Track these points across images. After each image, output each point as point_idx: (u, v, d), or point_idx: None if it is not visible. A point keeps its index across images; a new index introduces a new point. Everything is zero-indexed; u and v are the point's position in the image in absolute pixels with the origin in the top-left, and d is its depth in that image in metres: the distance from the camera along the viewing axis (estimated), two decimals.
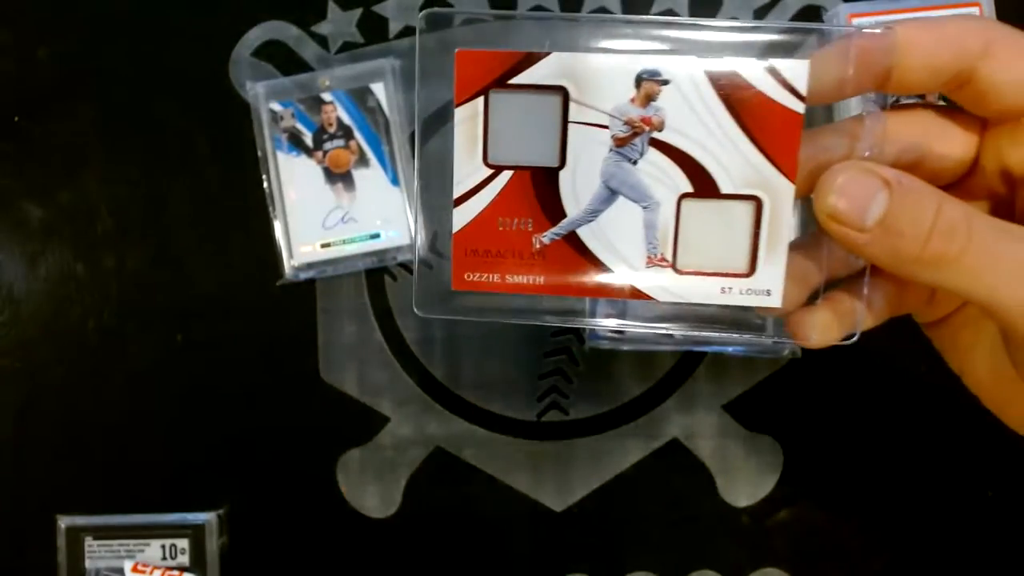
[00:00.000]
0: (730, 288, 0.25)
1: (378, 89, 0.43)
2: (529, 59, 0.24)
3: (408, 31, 0.44)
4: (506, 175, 0.25)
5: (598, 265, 0.25)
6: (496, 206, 0.25)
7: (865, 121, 0.23)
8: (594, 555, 0.43)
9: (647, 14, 0.44)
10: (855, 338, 0.25)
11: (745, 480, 0.43)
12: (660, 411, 0.43)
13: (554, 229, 0.25)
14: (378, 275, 0.44)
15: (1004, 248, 0.21)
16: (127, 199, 0.44)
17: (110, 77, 0.44)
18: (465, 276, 0.25)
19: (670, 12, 0.44)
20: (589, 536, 0.43)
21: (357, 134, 0.43)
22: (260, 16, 0.44)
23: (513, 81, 0.24)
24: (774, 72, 0.23)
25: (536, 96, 0.24)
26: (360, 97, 0.43)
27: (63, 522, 0.43)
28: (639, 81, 0.23)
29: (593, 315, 0.29)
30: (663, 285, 0.25)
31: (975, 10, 0.42)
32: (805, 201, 0.23)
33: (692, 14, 0.43)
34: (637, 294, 0.25)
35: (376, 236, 0.43)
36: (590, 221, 0.25)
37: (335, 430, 0.44)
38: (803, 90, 0.23)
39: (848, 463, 0.43)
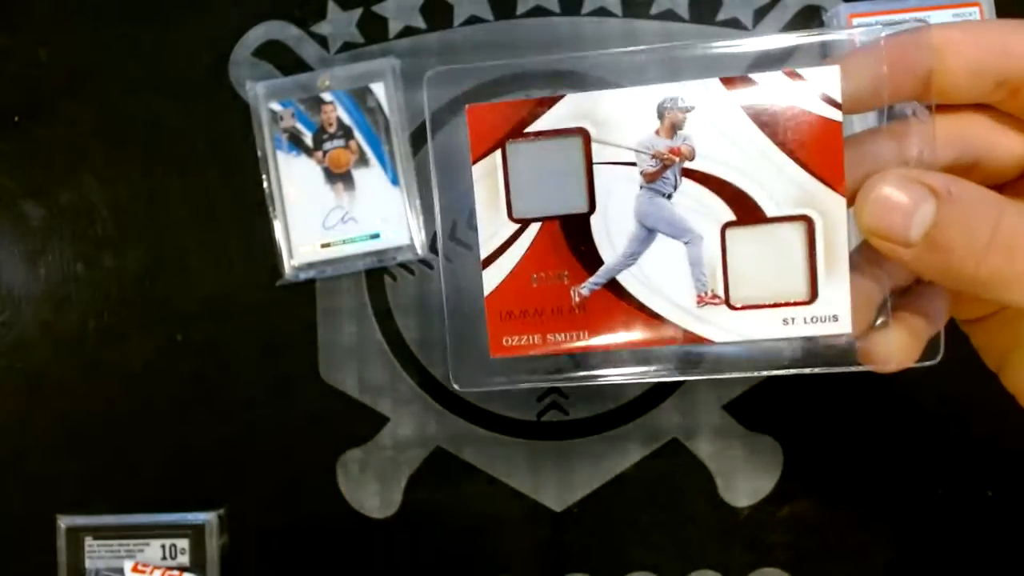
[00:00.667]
0: (792, 318, 0.23)
1: (378, 89, 0.43)
2: (542, 104, 0.23)
3: (408, 31, 0.44)
4: (534, 227, 0.23)
5: (645, 312, 0.23)
6: (528, 261, 0.23)
7: (911, 121, 0.22)
8: (594, 555, 0.43)
9: (647, 14, 0.44)
10: (938, 358, 0.23)
11: (745, 480, 0.43)
12: (660, 411, 0.43)
13: (593, 279, 0.23)
14: (378, 275, 0.44)
15: None
16: (127, 199, 0.44)
17: (110, 77, 0.44)
18: (503, 341, 0.24)
19: (670, 12, 0.44)
20: (589, 536, 0.43)
21: (357, 134, 0.43)
22: (260, 16, 0.44)
23: (529, 129, 0.23)
24: (802, 81, 0.22)
25: (555, 141, 0.23)
26: (360, 97, 0.43)
27: (63, 522, 0.43)
28: (661, 111, 0.22)
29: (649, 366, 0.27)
30: (718, 324, 0.23)
31: (975, 10, 0.42)
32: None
33: (692, 14, 0.43)
34: (692, 338, 0.23)
35: (376, 236, 0.43)
36: (630, 265, 0.23)
37: (335, 430, 0.44)
38: (837, 96, 0.22)
39: (848, 463, 0.43)
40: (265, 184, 0.43)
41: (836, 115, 0.22)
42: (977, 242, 0.19)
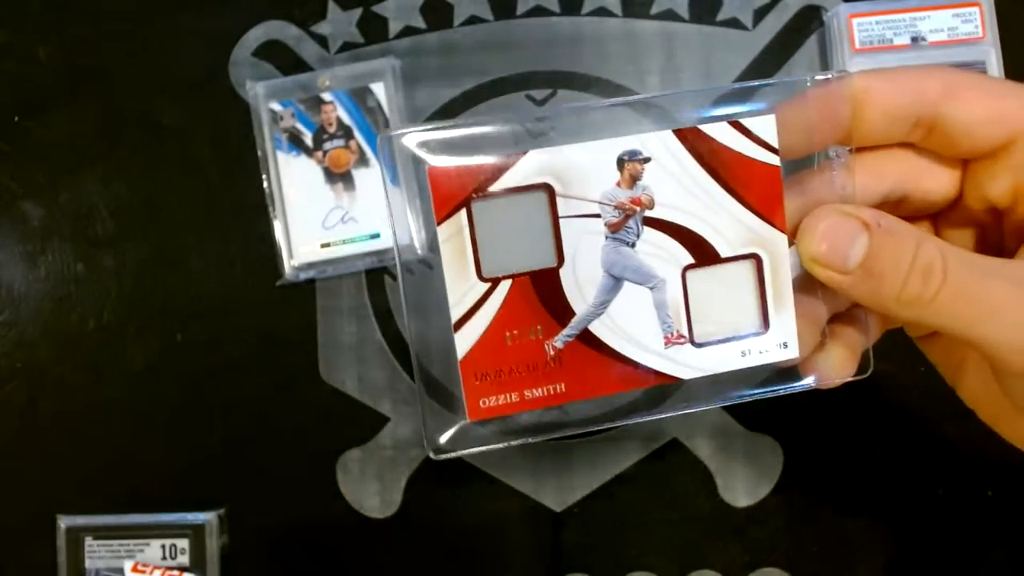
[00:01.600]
0: (749, 350, 0.24)
1: (378, 89, 0.43)
2: (505, 162, 0.23)
3: (408, 31, 0.44)
4: (505, 285, 0.24)
5: (618, 358, 0.24)
6: (500, 320, 0.24)
7: (835, 162, 0.24)
8: (594, 555, 0.43)
9: (647, 14, 0.44)
10: (868, 373, 0.25)
11: (745, 480, 0.43)
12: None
13: (565, 331, 0.24)
14: (378, 275, 0.44)
15: (978, 285, 0.22)
16: (127, 199, 0.44)
17: (110, 77, 0.44)
18: (480, 403, 0.24)
19: (670, 12, 0.44)
20: (589, 536, 0.43)
21: (357, 134, 0.43)
22: (260, 16, 0.44)
23: (494, 188, 0.23)
24: (743, 130, 0.23)
25: (521, 197, 0.23)
26: (360, 97, 0.43)
27: (63, 522, 0.43)
28: (621, 163, 0.23)
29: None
30: (685, 362, 0.24)
31: (975, 10, 0.42)
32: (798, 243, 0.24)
33: (692, 14, 0.43)
34: (662, 378, 0.24)
35: (376, 236, 0.43)
36: (600, 314, 0.24)
37: (335, 430, 0.44)
38: (775, 142, 0.23)
39: (848, 463, 0.43)
40: (265, 184, 0.43)
41: (774, 160, 0.23)
42: (901, 269, 0.22)
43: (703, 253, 0.24)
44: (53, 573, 0.43)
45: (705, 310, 0.24)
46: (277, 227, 0.43)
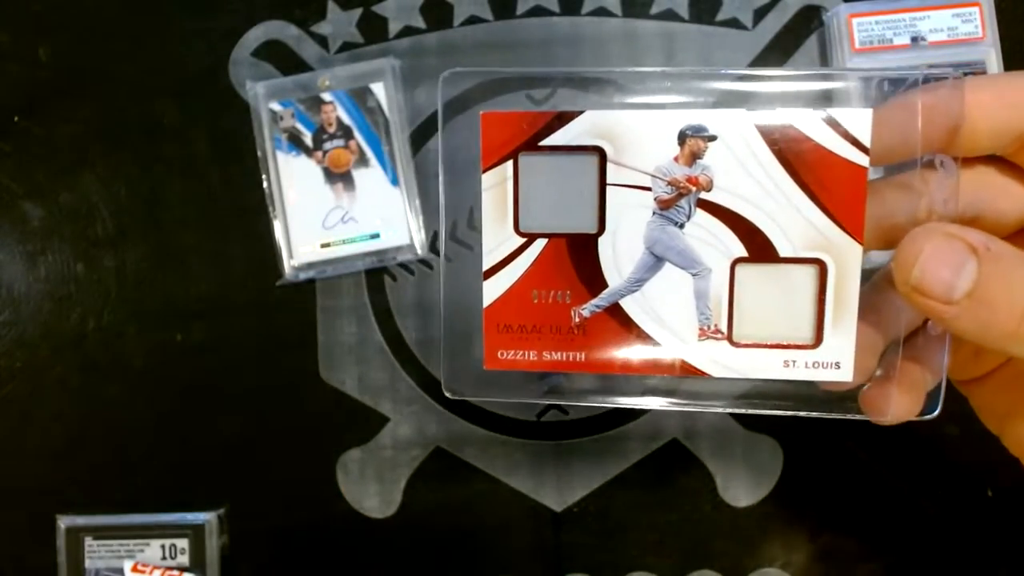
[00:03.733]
0: (794, 361, 0.23)
1: (378, 89, 0.43)
2: (561, 119, 0.22)
3: (408, 31, 0.44)
4: (540, 244, 0.23)
5: (645, 339, 0.23)
6: (530, 277, 0.23)
7: (937, 175, 0.21)
8: (594, 555, 0.43)
9: (647, 14, 0.44)
10: (935, 413, 0.23)
11: (745, 480, 0.43)
12: (660, 411, 0.43)
13: (595, 301, 0.23)
14: (378, 275, 0.44)
15: None
16: (127, 199, 0.44)
17: (110, 77, 0.44)
18: (498, 354, 0.23)
19: (670, 12, 0.44)
20: (589, 536, 0.43)
21: (357, 134, 0.43)
22: (260, 16, 0.44)
23: (544, 143, 0.22)
24: (833, 123, 0.21)
25: (570, 158, 0.22)
26: (360, 97, 0.43)
27: (63, 522, 0.43)
28: (683, 138, 0.22)
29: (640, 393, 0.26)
30: (717, 359, 0.23)
31: (975, 10, 0.42)
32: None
33: (692, 14, 0.43)
34: (688, 369, 0.23)
35: (376, 236, 0.43)
36: (634, 291, 0.23)
37: (335, 430, 0.44)
38: (866, 141, 0.21)
39: (848, 463, 0.43)
40: (265, 184, 0.43)
41: (863, 160, 0.21)
42: (1017, 300, 0.19)
43: (759, 248, 0.22)
44: (53, 573, 0.43)
45: (750, 309, 0.22)
46: (277, 227, 0.43)
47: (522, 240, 0.23)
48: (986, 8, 0.42)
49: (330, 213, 0.43)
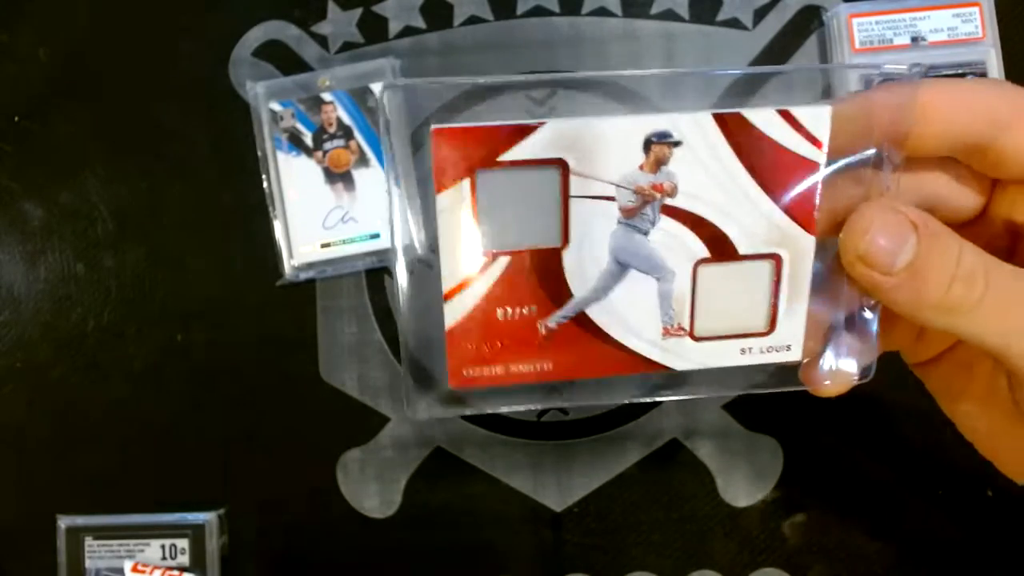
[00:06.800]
0: (750, 348, 0.23)
1: (378, 89, 0.43)
2: (520, 132, 0.21)
3: (408, 31, 0.44)
4: (503, 261, 0.22)
5: (610, 343, 0.23)
6: (494, 294, 0.22)
7: (884, 165, 0.22)
8: (594, 555, 0.43)
9: (647, 14, 0.44)
10: (869, 377, 0.24)
11: (745, 480, 0.43)
12: (660, 411, 0.43)
13: (561, 312, 0.22)
14: (378, 275, 0.44)
15: (1019, 295, 0.21)
16: (127, 199, 0.44)
17: (110, 77, 0.44)
18: (464, 372, 0.23)
19: (670, 12, 0.44)
20: (589, 536, 0.43)
21: (357, 134, 0.43)
22: (260, 16, 0.44)
23: (503, 158, 0.21)
24: (792, 121, 0.21)
25: (531, 172, 0.21)
26: (360, 97, 0.43)
27: (63, 522, 0.43)
28: (648, 145, 0.21)
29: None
30: (679, 353, 0.23)
31: (975, 10, 0.42)
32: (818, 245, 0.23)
33: (692, 14, 0.43)
34: (653, 366, 0.23)
35: (376, 236, 0.43)
36: (599, 299, 0.22)
37: (335, 430, 0.44)
38: (823, 138, 0.21)
39: (848, 463, 0.43)
40: (265, 184, 0.43)
41: (818, 156, 0.22)
42: (946, 273, 0.21)
43: (720, 248, 0.22)
44: (53, 573, 0.43)
45: (711, 305, 0.23)
46: (277, 227, 0.43)
47: (484, 259, 0.22)
48: (986, 8, 0.42)
49: (330, 213, 0.43)
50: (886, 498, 0.43)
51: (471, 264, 0.22)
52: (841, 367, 0.24)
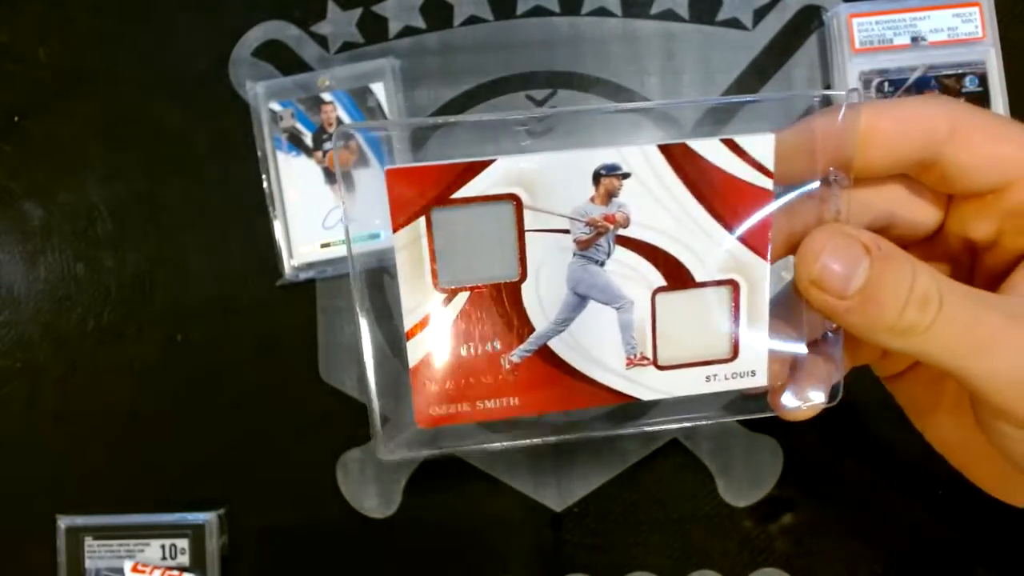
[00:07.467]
0: (715, 375, 0.23)
1: (378, 89, 0.43)
2: (471, 169, 0.22)
3: (408, 31, 0.44)
4: (462, 297, 0.23)
5: (575, 375, 0.23)
6: (456, 331, 0.23)
7: (832, 186, 0.22)
8: (594, 555, 0.43)
9: (647, 14, 0.44)
10: (837, 399, 0.24)
11: (745, 480, 0.43)
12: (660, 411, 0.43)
13: (523, 346, 0.23)
14: (378, 275, 0.44)
15: (973, 316, 0.21)
16: (127, 199, 0.44)
17: (110, 77, 0.44)
18: (430, 411, 0.23)
19: (670, 12, 0.44)
20: (589, 536, 0.43)
21: (357, 134, 0.43)
22: (260, 16, 0.44)
23: (456, 195, 0.22)
24: (738, 149, 0.22)
25: (485, 208, 0.22)
26: (360, 97, 0.43)
27: (63, 522, 0.43)
28: (597, 178, 0.22)
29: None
30: (645, 383, 0.23)
31: (975, 10, 0.42)
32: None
33: (692, 14, 0.43)
34: (620, 397, 0.23)
35: (376, 236, 0.43)
36: (561, 331, 0.23)
37: (335, 430, 0.44)
38: (769, 165, 0.22)
39: (848, 463, 0.43)
40: (265, 184, 0.43)
41: (767, 184, 0.22)
42: (899, 296, 0.21)
43: (677, 276, 0.23)
44: (53, 573, 0.43)
45: (672, 333, 0.23)
46: (277, 227, 0.43)
47: (443, 296, 0.23)
48: (986, 8, 0.42)
49: (330, 213, 0.43)
50: (886, 498, 0.43)
51: (431, 301, 0.23)
52: (808, 392, 0.24)
